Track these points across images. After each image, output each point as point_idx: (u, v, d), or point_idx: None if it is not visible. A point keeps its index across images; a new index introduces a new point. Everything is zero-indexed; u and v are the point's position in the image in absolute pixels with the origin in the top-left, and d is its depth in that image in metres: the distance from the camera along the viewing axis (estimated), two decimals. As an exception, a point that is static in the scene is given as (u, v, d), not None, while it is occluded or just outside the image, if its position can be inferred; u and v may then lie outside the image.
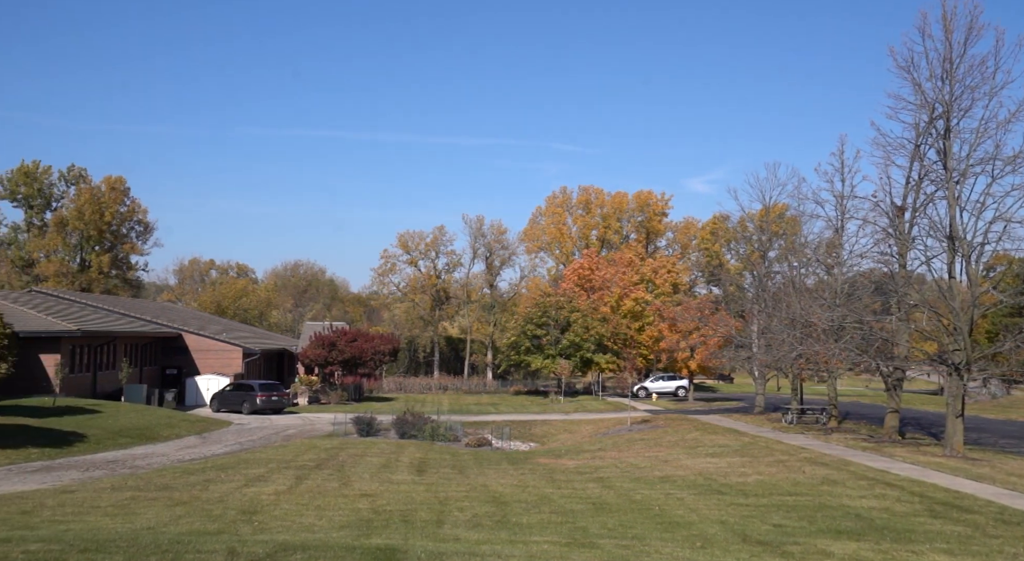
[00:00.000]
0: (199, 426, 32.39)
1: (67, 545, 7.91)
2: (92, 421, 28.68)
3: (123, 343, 40.67)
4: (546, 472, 21.24)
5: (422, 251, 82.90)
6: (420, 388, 64.96)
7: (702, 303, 53.83)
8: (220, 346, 46.48)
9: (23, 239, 71.81)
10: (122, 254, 75.31)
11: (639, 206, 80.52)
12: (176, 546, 8.39)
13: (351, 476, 19.11)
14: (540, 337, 55.53)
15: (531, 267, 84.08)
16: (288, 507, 14.32)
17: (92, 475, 19.45)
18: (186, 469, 20.41)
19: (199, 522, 12.46)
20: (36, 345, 32.76)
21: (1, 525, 11.68)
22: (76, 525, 11.75)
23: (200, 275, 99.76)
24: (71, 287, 66.30)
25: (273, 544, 9.02)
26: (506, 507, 14.87)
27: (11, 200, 71.81)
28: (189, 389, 43.60)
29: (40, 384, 32.99)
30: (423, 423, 30.63)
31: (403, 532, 11.85)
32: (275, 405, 39.84)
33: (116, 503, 14.54)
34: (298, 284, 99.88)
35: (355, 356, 49.55)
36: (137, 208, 75.67)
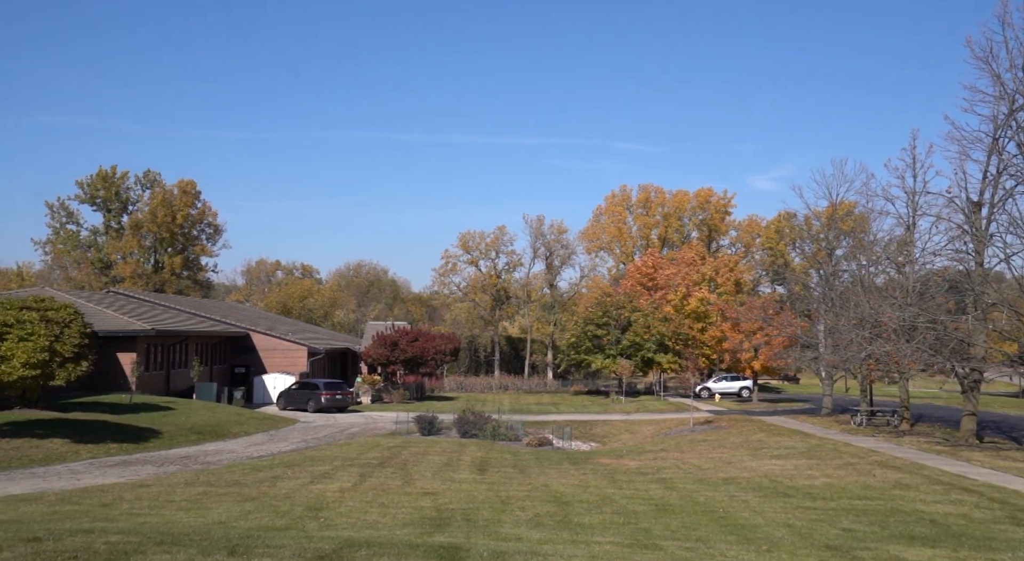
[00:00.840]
0: (266, 424, 33.18)
1: (145, 537, 8.20)
2: (166, 418, 29.65)
3: (194, 342, 41.95)
4: (607, 472, 21.12)
5: (483, 251, 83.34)
6: (481, 387, 65.29)
7: (766, 303, 52.79)
8: (286, 345, 47.55)
9: (102, 242, 74.67)
10: (193, 256, 77.70)
11: (700, 204, 79.47)
12: (246, 541, 8.61)
13: (413, 474, 19.32)
14: (600, 337, 55.25)
15: (591, 266, 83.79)
16: (353, 504, 14.56)
17: (166, 470, 20.10)
18: (255, 466, 20.93)
19: (268, 518, 12.76)
20: (114, 344, 34.02)
21: (84, 516, 12.18)
22: (152, 518, 12.17)
23: (266, 276, 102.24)
24: (146, 288, 68.68)
25: (339, 540, 9.19)
26: (567, 507, 14.85)
27: (91, 204, 74.74)
28: (257, 387, 44.70)
29: (118, 381, 34.25)
30: (484, 422, 30.78)
31: (465, 530, 11.93)
32: (339, 404, 40.55)
33: (189, 498, 15.00)
34: (361, 284, 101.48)
35: (416, 355, 50.06)
36: (207, 211, 77.98)
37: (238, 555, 7.57)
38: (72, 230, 74.65)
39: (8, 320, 21.95)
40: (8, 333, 21.38)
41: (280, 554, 7.76)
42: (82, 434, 24.12)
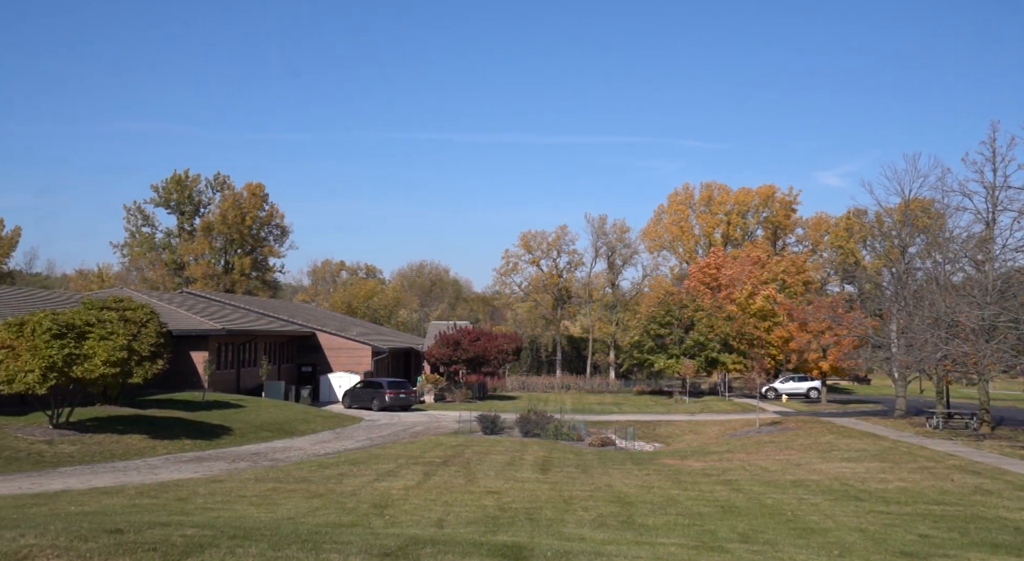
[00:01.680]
0: (332, 422, 33.80)
1: (218, 531, 8.43)
2: (236, 415, 30.47)
3: (263, 341, 43.01)
4: (671, 473, 20.88)
5: (544, 250, 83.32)
6: (543, 387, 65.27)
7: (835, 302, 51.45)
8: (351, 345, 48.36)
9: (175, 243, 77.22)
10: (261, 256, 79.72)
11: (763, 202, 77.93)
12: (315, 536, 8.77)
13: (477, 473, 19.42)
14: (663, 336, 54.65)
15: (654, 265, 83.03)
16: (417, 502, 14.71)
17: (238, 466, 20.65)
18: (321, 463, 21.34)
19: (334, 514, 12.99)
20: (187, 343, 35.12)
21: (161, 510, 12.61)
22: (225, 513, 12.51)
23: (331, 276, 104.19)
24: (216, 288, 70.75)
25: (404, 538, 9.29)
26: (631, 507, 14.72)
27: (165, 207, 77.39)
28: (323, 386, 45.59)
29: (190, 379, 35.35)
30: (546, 422, 30.75)
31: (529, 530, 11.94)
32: (403, 402, 41.03)
33: (259, 493, 15.38)
34: (423, 284, 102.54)
35: (478, 355, 50.32)
36: (275, 212, 79.92)
37: (307, 550, 7.72)
38: (148, 233, 77.38)
39: (90, 320, 22.85)
40: (90, 332, 22.26)
41: (347, 550, 7.88)
42: (159, 430, 24.96)
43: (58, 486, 16.32)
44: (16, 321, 21.67)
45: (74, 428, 23.26)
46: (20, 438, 21.54)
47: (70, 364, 21.24)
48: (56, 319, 21.75)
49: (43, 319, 21.56)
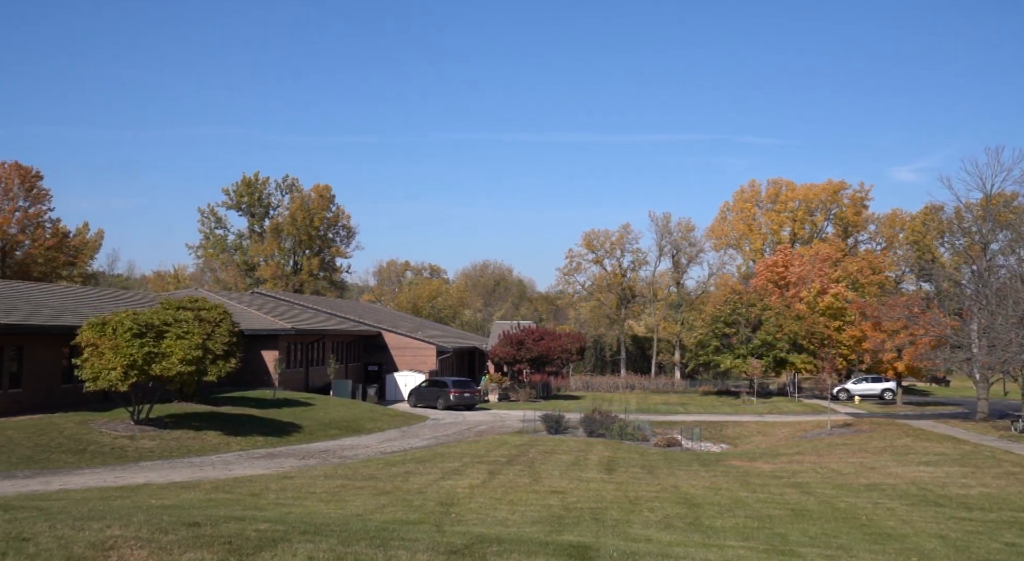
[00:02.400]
0: (398, 420, 34.25)
1: (290, 526, 8.63)
2: (306, 413, 31.14)
3: (330, 341, 43.85)
4: (739, 475, 20.51)
5: (607, 250, 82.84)
6: (607, 386, 64.88)
7: (910, 300, 49.70)
8: (416, 344, 48.92)
9: (246, 245, 79.40)
10: (328, 257, 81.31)
11: (832, 198, 75.87)
12: (383, 533, 8.90)
13: (541, 473, 19.42)
14: (730, 336, 53.73)
15: (719, 264, 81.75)
16: (482, 501, 14.78)
17: (307, 463, 21.10)
18: (388, 461, 21.64)
19: (402, 511, 13.16)
20: (258, 342, 36.05)
21: (236, 504, 12.97)
22: (296, 509, 12.80)
23: (396, 276, 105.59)
24: (286, 288, 72.46)
25: (470, 536, 9.34)
26: (698, 509, 14.51)
27: (236, 210, 79.66)
28: (389, 385, 46.23)
29: (262, 378, 36.28)
30: (611, 422, 30.57)
31: (594, 530, 11.87)
32: (467, 401, 41.30)
33: (329, 490, 15.68)
34: (487, 284, 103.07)
35: (542, 354, 50.33)
36: (341, 214, 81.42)
37: (375, 547, 7.83)
38: (220, 235, 79.74)
39: (167, 319, 23.66)
40: (167, 331, 23.05)
41: (415, 547, 7.96)
42: (232, 427, 25.70)
43: (139, 480, 16.95)
44: (99, 321, 22.57)
45: (153, 424, 24.11)
46: (104, 433, 22.44)
47: (149, 362, 22.02)
48: (136, 319, 22.58)
49: (124, 319, 22.41)
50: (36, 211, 59.75)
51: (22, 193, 59.15)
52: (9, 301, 26.80)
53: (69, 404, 25.89)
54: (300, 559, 6.94)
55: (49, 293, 33.26)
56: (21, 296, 29.16)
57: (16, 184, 58.78)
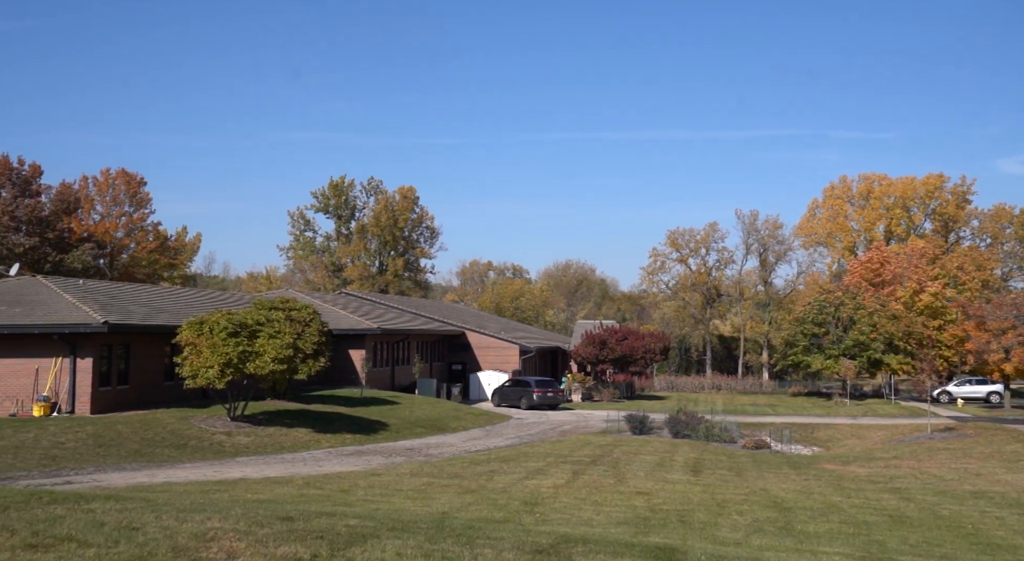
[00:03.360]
0: (482, 419, 34.53)
1: (379, 523, 8.81)
2: (392, 412, 31.75)
3: (415, 340, 44.58)
4: (833, 479, 19.84)
5: (692, 248, 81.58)
6: (692, 387, 63.87)
7: (1019, 299, 47.11)
8: (499, 343, 49.24)
9: (333, 246, 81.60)
10: (413, 258, 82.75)
11: (930, 192, 72.58)
12: (469, 531, 8.97)
13: (626, 473, 19.26)
14: (820, 336, 52.08)
15: (809, 262, 79.44)
16: (567, 501, 14.75)
17: (394, 461, 21.51)
18: (473, 459, 21.84)
19: (486, 510, 13.25)
20: (346, 341, 36.95)
21: (326, 500, 13.33)
22: (384, 505, 13.06)
23: (479, 276, 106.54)
24: (371, 289, 74.08)
25: (555, 536, 9.33)
26: (789, 513, 14.11)
27: (324, 212, 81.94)
28: (472, 384, 46.67)
29: (349, 376, 37.18)
30: (697, 422, 30.07)
31: (681, 532, 11.69)
32: (550, 401, 41.32)
33: (415, 488, 15.94)
34: (569, 284, 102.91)
35: (626, 354, 49.92)
36: (425, 214, 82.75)
37: (462, 544, 7.90)
38: (309, 237, 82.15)
39: (260, 319, 24.51)
40: (260, 331, 23.87)
41: (500, 546, 8.00)
42: (322, 424, 26.42)
43: (236, 474, 17.61)
44: (197, 320, 23.56)
45: (248, 421, 25.02)
46: (203, 429, 23.43)
47: (244, 361, 22.85)
48: (231, 319, 23.48)
49: (220, 319, 23.32)
50: (140, 216, 62.81)
51: (127, 199, 62.32)
52: (117, 302, 28.26)
53: (171, 400, 27.13)
54: (389, 555, 7.07)
55: (152, 294, 34.93)
56: (127, 297, 30.71)
57: (122, 190, 61.99)
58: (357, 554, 6.99)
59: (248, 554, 6.65)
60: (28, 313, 24.80)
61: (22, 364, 24.24)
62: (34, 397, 23.89)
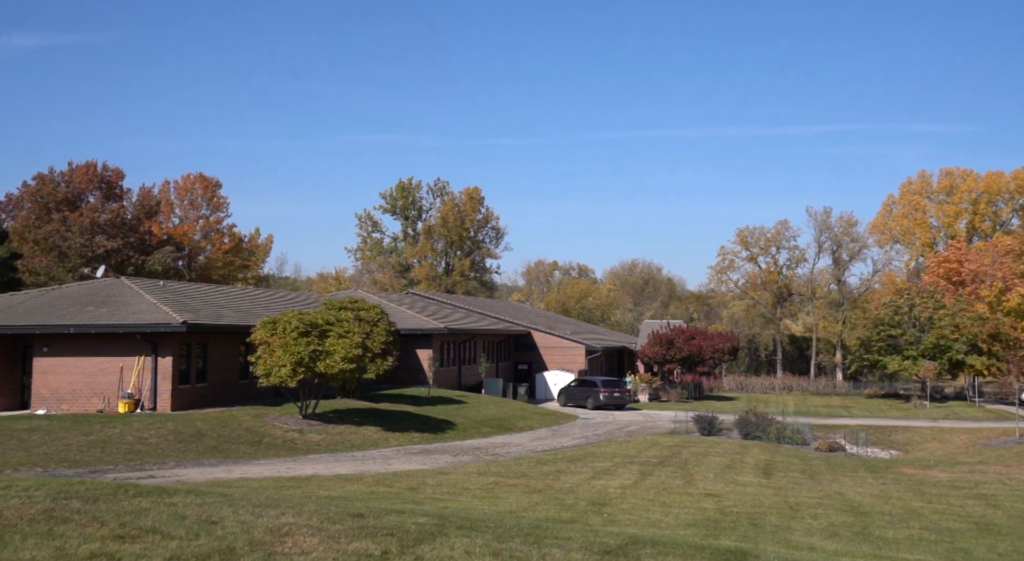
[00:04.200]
0: (548, 419, 34.51)
1: (447, 521, 8.89)
2: (458, 411, 32.00)
3: (481, 340, 44.85)
4: (912, 483, 19.17)
5: (762, 247, 79.97)
6: (762, 388, 62.61)
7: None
8: (565, 343, 49.16)
9: (401, 247, 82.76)
10: (479, 258, 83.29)
11: (1020, 187, 69.42)
12: (536, 530, 8.98)
13: (694, 474, 18.99)
14: (897, 336, 50.38)
15: (885, 260, 76.96)
16: (634, 501, 14.63)
17: (461, 460, 21.67)
18: (539, 459, 21.85)
19: (553, 510, 13.24)
20: (413, 341, 37.42)
21: (395, 498, 13.53)
22: (452, 504, 13.17)
23: (545, 276, 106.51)
24: (438, 289, 74.84)
25: (623, 536, 9.26)
26: (866, 518, 13.70)
27: (391, 213, 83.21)
28: (538, 384, 46.71)
29: (416, 376, 37.64)
30: (767, 424, 29.44)
31: (752, 535, 11.47)
32: (617, 401, 41.06)
33: (482, 486, 16.03)
34: (635, 283, 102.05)
35: (693, 354, 49.26)
36: (491, 215, 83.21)
37: (530, 544, 7.91)
38: (376, 238, 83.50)
39: (330, 319, 25.03)
40: (330, 331, 24.37)
41: (568, 546, 7.98)
42: (390, 423, 26.81)
43: (308, 471, 18.01)
44: (270, 320, 24.19)
45: (319, 419, 25.57)
46: (276, 426, 24.04)
47: (314, 360, 23.36)
48: (302, 319, 24.03)
49: (291, 319, 23.90)
50: (216, 218, 64.89)
51: (204, 202, 64.47)
52: (194, 302, 29.24)
53: (246, 398, 27.92)
54: (458, 553, 7.12)
55: (227, 295, 36.01)
56: (204, 298, 31.74)
57: (200, 194, 64.15)
58: (426, 552, 7.06)
59: (321, 550, 6.79)
60: (113, 313, 25.86)
61: (108, 362, 25.30)
62: (119, 394, 24.91)
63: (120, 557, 6.22)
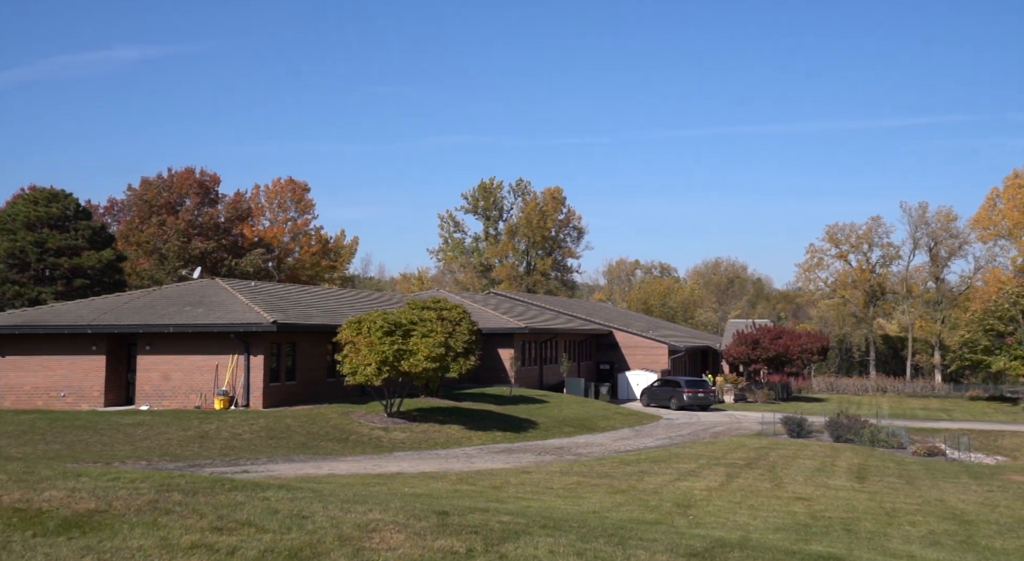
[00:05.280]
0: (631, 419, 34.18)
1: (530, 520, 8.90)
2: (540, 410, 32.02)
3: (562, 339, 44.77)
4: (1022, 491, 18.16)
5: (853, 244, 77.28)
6: (854, 389, 60.48)
7: None
8: (647, 343, 48.60)
9: (482, 247, 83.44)
10: (559, 257, 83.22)
11: None
12: (620, 531, 8.89)
13: (783, 477, 18.47)
14: (1003, 335, 47.84)
15: (988, 257, 73.15)
16: (720, 504, 14.34)
17: (544, 459, 21.67)
18: (622, 459, 21.65)
19: (637, 511, 13.09)
20: (495, 340, 37.65)
21: (478, 497, 13.63)
22: (535, 503, 13.18)
23: (626, 275, 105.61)
24: (519, 289, 75.12)
25: (710, 539, 9.08)
26: (970, 526, 13.04)
27: (473, 213, 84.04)
28: (620, 384, 46.32)
29: (498, 375, 37.86)
30: (860, 426, 28.40)
31: (846, 541, 11.07)
32: (701, 402, 40.35)
33: (565, 486, 15.98)
34: (720, 282, 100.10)
35: (780, 354, 48.02)
36: (572, 215, 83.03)
37: (614, 545, 7.84)
38: (458, 238, 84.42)
39: (413, 319, 25.41)
40: (413, 330, 24.75)
41: (653, 547, 7.87)
42: (473, 422, 27.04)
43: (393, 469, 18.33)
44: (356, 320, 24.73)
45: (403, 417, 26.00)
46: (362, 424, 24.57)
47: (399, 359, 23.75)
48: (386, 318, 24.48)
49: (376, 318, 24.37)
50: (303, 221, 66.87)
51: (293, 205, 66.51)
52: (283, 303, 30.17)
53: (332, 396, 28.63)
54: (542, 552, 7.12)
55: (314, 295, 37.03)
56: (292, 298, 32.72)
57: (288, 197, 66.23)
58: (511, 550, 7.08)
59: (407, 546, 6.90)
60: (208, 313, 26.93)
61: (204, 360, 26.36)
62: (215, 391, 25.92)
63: (218, 548, 6.46)
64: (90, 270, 39.18)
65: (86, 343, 26.80)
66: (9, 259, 37.85)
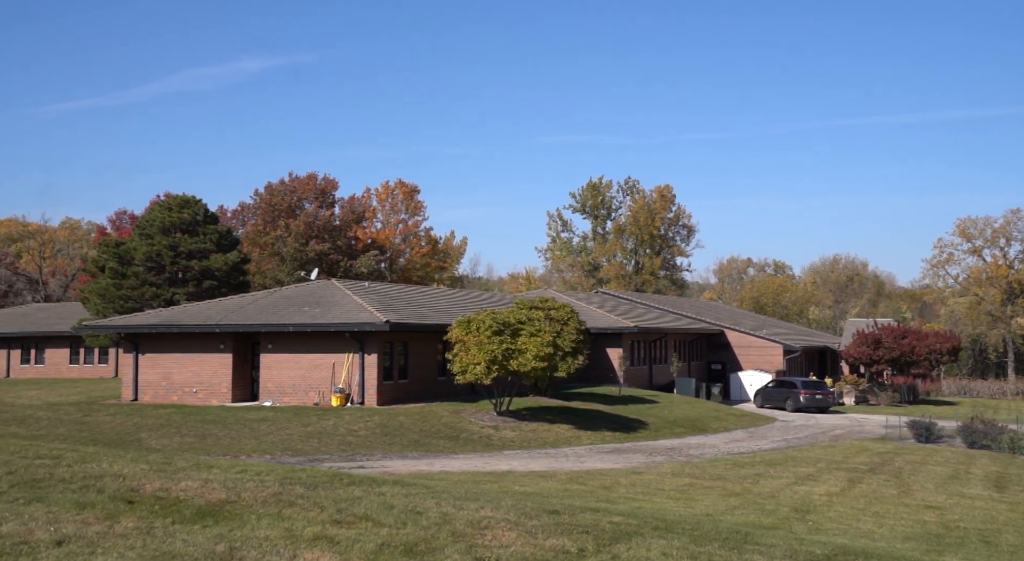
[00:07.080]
0: (744, 421, 33.26)
1: (642, 521, 8.79)
2: (650, 410, 31.60)
3: (672, 339, 44.02)
4: None
5: (988, 238, 72.58)
6: (989, 392, 56.75)
7: None
8: (760, 343, 47.15)
9: (590, 246, 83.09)
10: (669, 256, 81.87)
11: None
12: (735, 535, 8.67)
13: (911, 484, 17.55)
14: None
15: None
16: (842, 510, 13.77)
17: (654, 460, 21.39)
18: (736, 462, 21.11)
19: (753, 514, 12.74)
20: (603, 340, 37.42)
21: (588, 496, 13.59)
22: (646, 504, 13.03)
23: (738, 273, 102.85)
24: (627, 288, 74.36)
25: (831, 546, 8.73)
26: None
27: (581, 213, 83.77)
28: (733, 384, 45.12)
29: (606, 374, 37.59)
30: (998, 432, 26.60)
31: (984, 554, 10.41)
32: (819, 404, 38.84)
33: (677, 487, 15.73)
34: (838, 279, 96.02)
35: (904, 354, 45.61)
36: (682, 213, 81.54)
37: (729, 549, 7.66)
38: (566, 237, 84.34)
39: (521, 318, 25.59)
40: (522, 329, 24.92)
41: (771, 553, 7.64)
42: (582, 421, 26.97)
43: (503, 467, 18.52)
44: (465, 320, 25.12)
45: (512, 416, 26.22)
46: (472, 422, 24.94)
47: (507, 358, 23.97)
48: (495, 318, 24.74)
49: (485, 318, 24.67)
50: (414, 222, 68.46)
51: (404, 207, 68.25)
52: (396, 303, 30.99)
53: (443, 394, 29.18)
54: (654, 554, 7.03)
55: (425, 295, 37.85)
56: (404, 298, 33.56)
57: (400, 199, 68.01)
58: (623, 551, 7.02)
59: (519, 544, 6.95)
60: (325, 313, 27.97)
61: (322, 359, 27.41)
62: (332, 388, 26.90)
63: (338, 541, 6.70)
64: (217, 272, 41.38)
65: (215, 342, 28.34)
66: (147, 262, 40.44)
